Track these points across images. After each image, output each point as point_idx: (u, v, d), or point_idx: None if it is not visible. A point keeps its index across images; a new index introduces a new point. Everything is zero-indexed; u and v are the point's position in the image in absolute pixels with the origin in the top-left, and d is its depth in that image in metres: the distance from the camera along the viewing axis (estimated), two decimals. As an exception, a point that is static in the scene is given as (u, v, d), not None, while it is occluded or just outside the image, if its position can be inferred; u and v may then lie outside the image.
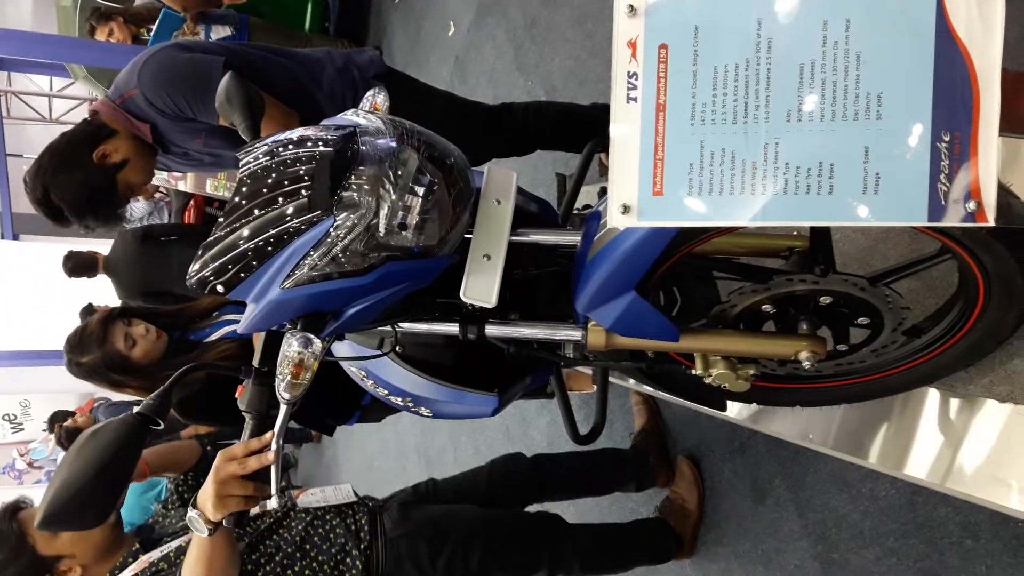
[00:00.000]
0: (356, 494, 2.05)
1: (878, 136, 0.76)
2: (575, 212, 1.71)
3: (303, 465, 7.49)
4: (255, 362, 1.25)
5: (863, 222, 0.76)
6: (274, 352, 1.22)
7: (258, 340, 1.32)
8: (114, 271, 4.21)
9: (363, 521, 1.95)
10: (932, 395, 1.47)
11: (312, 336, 1.15)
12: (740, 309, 1.27)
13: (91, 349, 2.17)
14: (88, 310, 2.84)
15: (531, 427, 3.28)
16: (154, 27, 4.31)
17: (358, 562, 1.84)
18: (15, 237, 8.37)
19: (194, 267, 1.17)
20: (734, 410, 1.97)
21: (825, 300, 1.23)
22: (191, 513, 1.26)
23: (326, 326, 1.20)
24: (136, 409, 1.17)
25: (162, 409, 1.19)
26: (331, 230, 1.11)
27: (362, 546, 1.88)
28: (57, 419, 4.73)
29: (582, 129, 2.36)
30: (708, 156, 0.78)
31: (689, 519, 2.32)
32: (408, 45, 4.58)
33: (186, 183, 5.33)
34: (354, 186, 1.11)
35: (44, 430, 9.09)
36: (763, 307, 1.26)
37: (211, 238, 1.16)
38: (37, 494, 1.88)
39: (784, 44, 0.77)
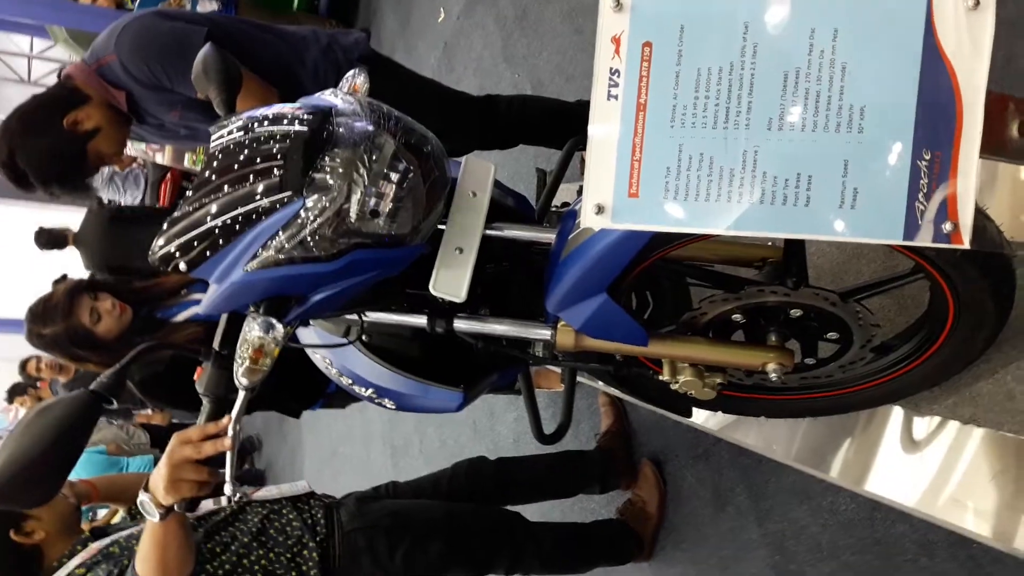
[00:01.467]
0: (312, 490, 2.04)
1: (858, 150, 0.75)
2: (553, 209, 1.69)
3: (267, 448, 7.43)
4: (215, 344, 1.22)
5: (838, 237, 0.75)
6: (235, 335, 1.19)
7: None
8: (83, 244, 4.29)
9: (319, 515, 1.93)
10: (896, 413, 1.47)
11: (274, 321, 1.12)
12: (710, 317, 1.26)
13: (55, 321, 2.13)
14: (62, 279, 2.79)
15: (498, 422, 3.26)
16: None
17: (315, 554, 1.82)
18: (-15, 200, 8.22)
19: (158, 242, 1.14)
20: (700, 417, 1.97)
21: (795, 313, 1.23)
22: (142, 496, 1.23)
23: (290, 311, 1.17)
24: (90, 386, 1.14)
25: (116, 387, 1.16)
26: (300, 212, 1.08)
27: (318, 538, 1.85)
28: (17, 392, 4.64)
29: (566, 126, 2.34)
30: (686, 160, 0.76)
31: (650, 522, 2.32)
32: (397, 29, 4.53)
33: (164, 156, 5.24)
34: (327, 168, 1.08)
35: (4, 399, 8.95)
36: (733, 316, 1.25)
37: (177, 213, 1.13)
38: None
39: (770, 50, 0.75)
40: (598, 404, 2.60)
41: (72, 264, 4.63)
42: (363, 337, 1.40)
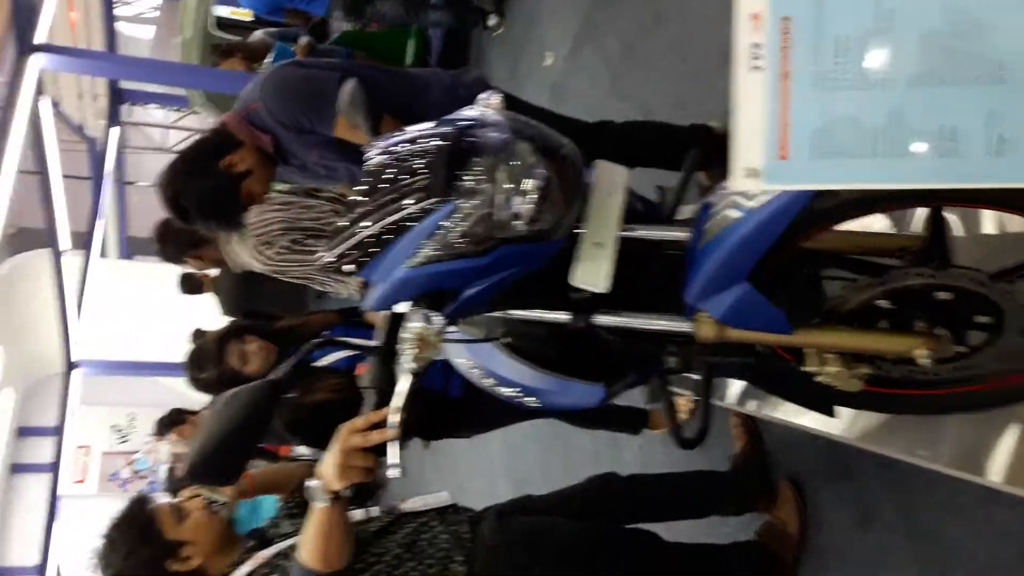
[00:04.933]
0: (454, 502, 2.09)
1: (1001, 100, 0.77)
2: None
3: (393, 485, 7.56)
4: (378, 340, 1.32)
5: (987, 183, 0.77)
6: (395, 333, 1.29)
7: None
8: (220, 291, 4.73)
9: (464, 529, 1.97)
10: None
11: (433, 313, 1.21)
12: (853, 304, 1.26)
13: (208, 367, 2.32)
14: (198, 334, 3.04)
15: (623, 450, 3.25)
16: (267, 60, 4.61)
17: (461, 568, 1.85)
18: (129, 257, 8.96)
19: (327, 250, 1.26)
20: (839, 428, 1.92)
21: (942, 296, 1.21)
22: (311, 483, 1.31)
23: (445, 306, 1.26)
24: (269, 377, 1.25)
25: (292, 379, 1.27)
26: (452, 214, 1.18)
27: (465, 552, 1.89)
28: (172, 422, 4.95)
29: (682, 147, 2.37)
30: (833, 121, 0.80)
31: (790, 544, 2.24)
32: (506, 75, 4.70)
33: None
34: (472, 175, 1.18)
35: (146, 442, 9.55)
36: (877, 303, 1.24)
37: (341, 223, 1.25)
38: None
39: (906, 11, 0.79)
40: (730, 426, 2.57)
41: (201, 309, 5.01)
42: (505, 340, 1.48)
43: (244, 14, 6.30)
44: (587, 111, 3.55)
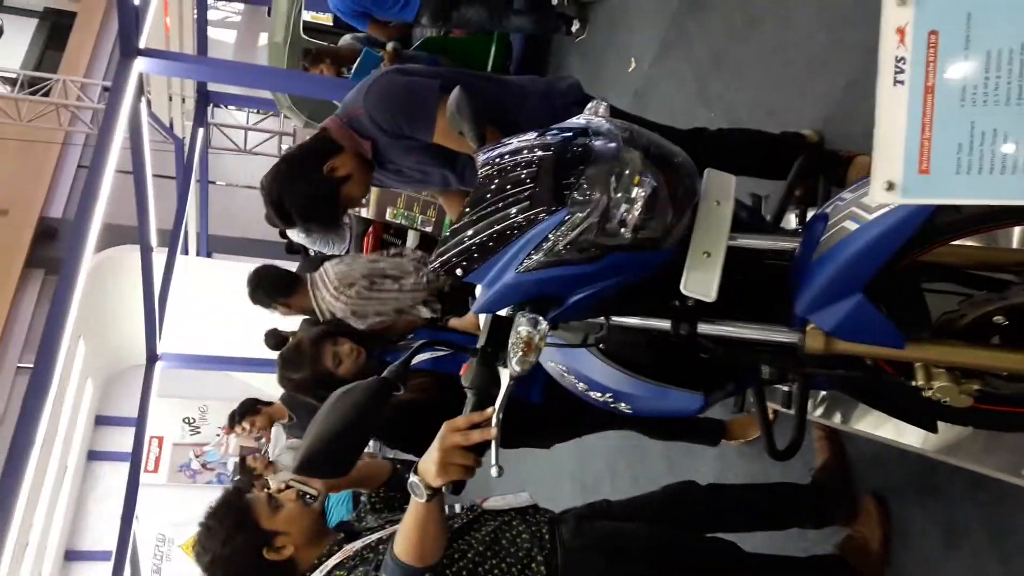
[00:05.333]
0: (535, 502, 2.11)
1: None
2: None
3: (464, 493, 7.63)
4: (480, 342, 1.36)
5: None
6: (497, 336, 1.33)
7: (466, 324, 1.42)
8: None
9: (544, 530, 1.99)
10: None
11: (540, 317, 1.23)
12: (969, 319, 1.24)
13: (303, 367, 2.39)
14: (274, 334, 3.17)
15: (698, 459, 3.23)
16: (354, 66, 4.71)
17: (542, 568, 1.87)
18: (209, 255, 9.27)
19: (439, 251, 1.30)
20: (929, 444, 1.88)
21: (1065, 314, 1.19)
22: (413, 479, 1.36)
23: (550, 311, 1.29)
24: (383, 374, 1.30)
25: (403, 375, 1.31)
26: (563, 222, 1.20)
27: (545, 553, 1.91)
28: (247, 411, 5.08)
29: (775, 155, 2.37)
30: (979, 136, 0.80)
31: (872, 560, 2.20)
32: (588, 82, 4.66)
33: (368, 211, 5.71)
34: (584, 181, 1.21)
35: (217, 435, 9.85)
36: (995, 318, 1.23)
37: (456, 225, 1.29)
38: (209, 494, 2.04)
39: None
40: (813, 438, 2.53)
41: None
42: (600, 345, 1.50)
43: (325, 19, 6.46)
44: (671, 119, 3.55)
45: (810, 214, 1.47)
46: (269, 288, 3.67)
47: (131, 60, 3.63)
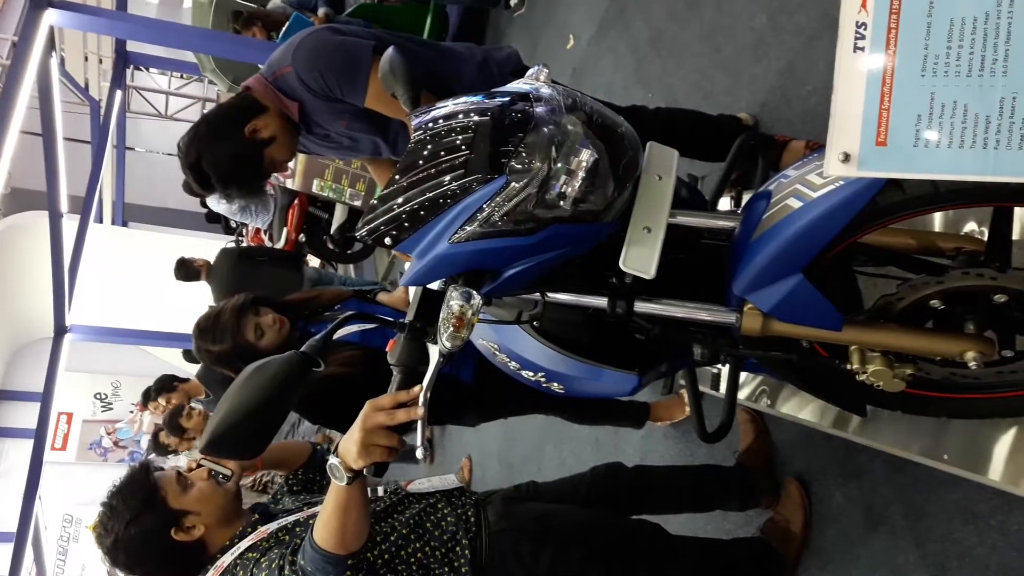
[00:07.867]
0: (463, 485, 2.06)
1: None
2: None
3: (389, 473, 7.55)
4: (408, 317, 1.28)
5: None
6: (427, 310, 1.25)
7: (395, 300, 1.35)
8: (214, 279, 4.87)
9: (470, 512, 1.95)
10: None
11: (473, 292, 1.17)
12: (906, 303, 1.23)
13: (223, 339, 2.25)
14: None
15: (623, 441, 3.23)
16: (283, 30, 4.53)
17: (467, 551, 1.83)
18: (124, 224, 8.86)
19: (366, 218, 1.21)
20: (851, 428, 1.90)
21: (999, 299, 1.18)
22: (332, 460, 1.28)
23: (484, 285, 1.22)
24: (301, 348, 1.21)
25: (323, 350, 1.23)
26: (502, 190, 1.14)
27: (470, 535, 1.87)
28: (162, 387, 4.87)
29: (713, 136, 2.35)
30: (938, 108, 0.77)
31: (793, 542, 2.23)
32: (525, 57, 4.62)
33: (294, 181, 5.53)
34: (524, 149, 1.14)
35: (131, 412, 9.48)
36: (931, 303, 1.22)
37: (385, 191, 1.21)
38: (120, 473, 1.92)
39: (1027, -2, 0.75)
40: (737, 421, 2.55)
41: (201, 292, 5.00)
42: (534, 323, 1.44)
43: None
44: (609, 97, 3.51)
45: (746, 197, 1.44)
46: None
47: (41, 11, 3.39)
